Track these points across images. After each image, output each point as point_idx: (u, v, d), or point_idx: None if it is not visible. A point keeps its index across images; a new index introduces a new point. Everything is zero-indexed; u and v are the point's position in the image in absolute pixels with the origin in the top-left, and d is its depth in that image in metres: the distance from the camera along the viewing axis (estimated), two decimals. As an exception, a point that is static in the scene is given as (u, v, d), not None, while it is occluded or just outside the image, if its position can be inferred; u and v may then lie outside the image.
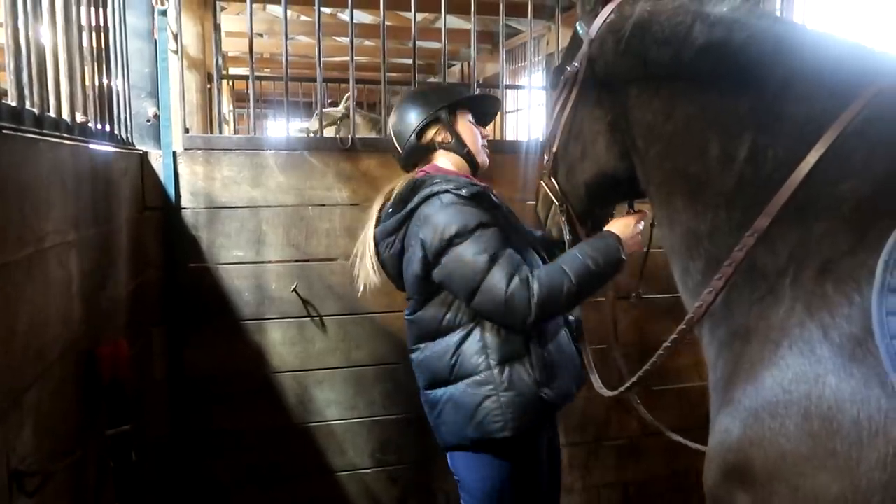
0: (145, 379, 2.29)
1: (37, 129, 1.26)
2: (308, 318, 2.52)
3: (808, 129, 1.23)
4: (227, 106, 6.59)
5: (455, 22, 7.08)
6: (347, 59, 2.69)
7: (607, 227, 1.84)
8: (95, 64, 1.82)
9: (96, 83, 1.83)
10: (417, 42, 2.79)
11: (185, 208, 2.37)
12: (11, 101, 1.17)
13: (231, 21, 6.78)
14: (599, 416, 2.84)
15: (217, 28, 3.83)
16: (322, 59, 2.61)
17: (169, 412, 2.39)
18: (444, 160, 2.00)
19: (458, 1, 3.00)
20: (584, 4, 1.61)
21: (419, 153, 2.01)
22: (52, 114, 1.41)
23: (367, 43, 8.68)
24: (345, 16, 8.05)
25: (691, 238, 1.39)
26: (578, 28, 1.63)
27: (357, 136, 2.59)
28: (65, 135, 1.43)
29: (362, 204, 2.53)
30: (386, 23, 2.74)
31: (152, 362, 2.37)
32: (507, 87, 5.96)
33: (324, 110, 4.73)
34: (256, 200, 2.44)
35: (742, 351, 1.22)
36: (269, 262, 2.47)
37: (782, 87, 1.28)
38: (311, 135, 4.25)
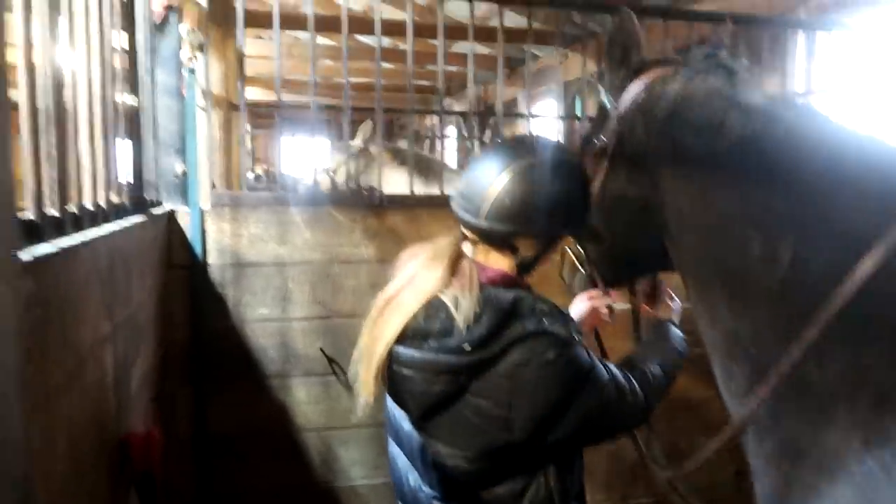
0: (169, 437, 2.26)
1: (76, 230, 1.24)
2: (333, 376, 2.48)
3: (856, 239, 1.18)
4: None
5: (469, 47, 7.11)
6: (364, 80, 2.67)
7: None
8: (128, 131, 1.81)
9: (130, 151, 1.82)
10: (430, 66, 2.77)
11: (211, 266, 2.35)
12: (52, 209, 1.15)
13: (249, 44, 6.82)
14: (626, 475, 2.79)
15: (241, 63, 3.83)
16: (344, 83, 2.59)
17: (193, 471, 2.37)
18: (507, 263, 1.49)
19: (480, 29, 2.97)
20: (611, 79, 1.58)
21: (495, 245, 1.48)
22: (89, 204, 1.40)
23: (384, 65, 8.72)
24: (363, 38, 8.09)
25: (732, 339, 1.34)
26: (605, 101, 1.60)
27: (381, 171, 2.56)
28: (102, 226, 1.41)
29: (389, 260, 2.50)
30: (403, 47, 2.72)
31: (176, 421, 2.34)
32: (508, 114, 5.93)
33: (339, 144, 4.70)
34: (283, 258, 2.41)
35: (793, 474, 1.17)
36: (295, 319, 2.44)
37: (826, 189, 1.24)
38: (332, 174, 4.22)
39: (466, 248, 1.48)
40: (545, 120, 7.34)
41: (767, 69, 2.74)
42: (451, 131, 10.45)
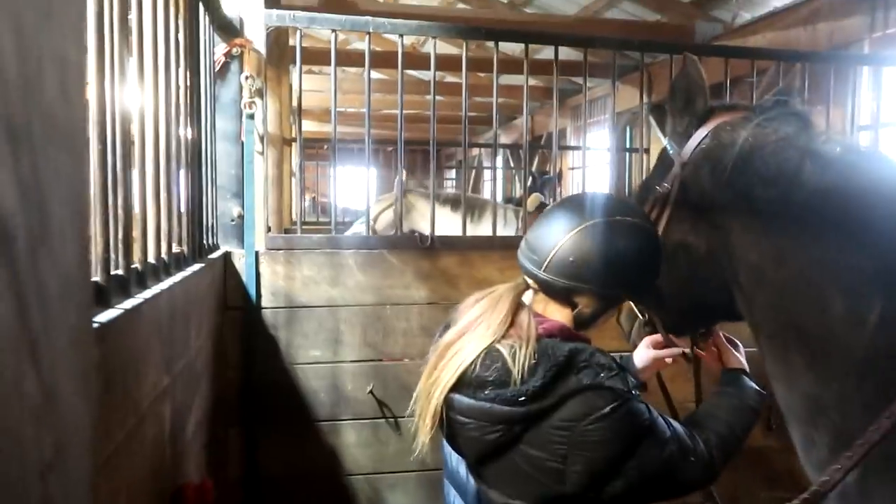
0: (219, 480, 2.27)
1: (140, 287, 1.26)
2: (383, 420, 2.47)
3: None
4: (295, 160, 6.77)
5: (516, 79, 7.15)
6: (412, 112, 2.68)
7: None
8: (189, 177, 1.85)
9: (189, 197, 1.85)
10: (476, 98, 2.77)
11: (265, 308, 2.38)
12: (119, 270, 1.17)
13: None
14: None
15: (298, 101, 3.91)
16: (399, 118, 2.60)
17: (242, 513, 2.37)
18: (566, 315, 1.49)
19: (534, 62, 2.98)
20: (675, 125, 1.54)
21: (556, 298, 1.49)
22: (152, 258, 1.42)
23: (412, 96, 8.81)
24: (411, 72, 8.21)
25: (813, 405, 1.27)
26: (668, 147, 1.56)
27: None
28: (163, 278, 1.43)
29: (440, 302, 2.49)
30: (451, 80, 2.73)
31: (227, 463, 2.35)
32: (563, 147, 5.91)
33: (380, 197, 4.72)
34: (335, 300, 2.42)
35: None
36: (346, 361, 2.44)
37: None
38: (373, 222, 4.25)
39: (527, 296, 1.51)
40: (596, 151, 7.30)
41: (833, 104, 2.64)
42: (497, 162, 10.47)
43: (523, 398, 1.32)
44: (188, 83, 1.86)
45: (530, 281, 1.50)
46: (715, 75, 3.12)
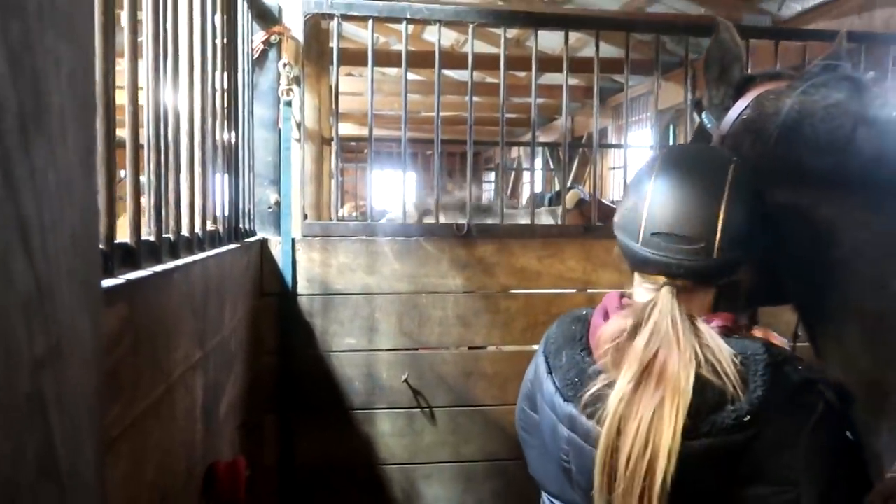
0: (255, 465, 2.27)
1: (172, 257, 1.25)
2: (418, 409, 2.44)
3: None
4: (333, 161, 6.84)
5: (555, 78, 7.09)
6: (450, 113, 2.65)
7: None
8: (226, 163, 1.86)
9: (226, 182, 1.86)
10: (515, 98, 2.71)
11: (300, 295, 2.37)
12: (150, 236, 1.17)
13: (341, 81, 7.08)
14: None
15: (336, 98, 3.94)
16: (436, 115, 2.58)
17: (278, 501, 2.36)
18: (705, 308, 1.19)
19: (574, 60, 2.91)
20: (711, 97, 1.46)
21: (708, 286, 1.18)
22: (186, 231, 1.42)
23: (451, 97, 8.79)
24: (448, 72, 8.21)
25: (874, 390, 1.18)
26: (705, 121, 1.48)
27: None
28: (196, 253, 1.43)
29: (476, 291, 2.45)
30: (489, 80, 2.69)
31: (263, 448, 2.35)
32: (603, 145, 5.82)
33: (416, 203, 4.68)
34: (371, 287, 2.40)
35: None
36: (381, 350, 2.42)
37: None
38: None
39: (665, 300, 1.12)
40: (639, 150, 7.15)
41: (892, 91, 2.52)
42: (537, 163, 10.39)
43: (748, 417, 1.01)
44: (226, 69, 1.88)
45: (680, 281, 1.13)
46: (764, 63, 3.02)
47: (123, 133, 1.09)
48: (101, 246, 0.93)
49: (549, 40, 6.81)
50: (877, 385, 1.18)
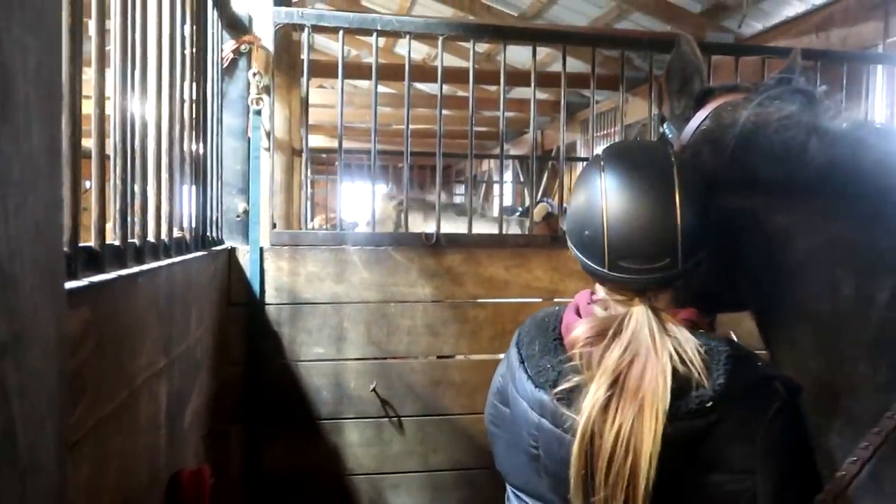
0: (220, 475, 2.24)
1: (137, 263, 1.25)
2: (386, 419, 2.43)
3: None
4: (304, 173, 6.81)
5: (526, 92, 7.20)
6: (420, 126, 2.67)
7: None
8: (193, 171, 1.85)
9: (193, 190, 1.85)
10: (486, 112, 2.75)
11: (268, 304, 2.36)
12: (115, 240, 1.16)
13: (312, 93, 7.07)
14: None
15: (305, 111, 3.94)
16: (406, 127, 2.60)
17: (243, 512, 2.33)
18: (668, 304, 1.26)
19: (543, 75, 2.95)
20: (672, 108, 1.51)
21: (677, 289, 1.23)
22: (152, 237, 1.41)
23: (423, 110, 8.83)
24: (419, 86, 8.26)
25: (824, 392, 1.22)
26: (667, 131, 1.53)
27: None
28: (162, 259, 1.42)
29: (445, 300, 2.47)
30: (461, 93, 2.72)
31: (229, 458, 2.33)
32: (571, 158, 5.90)
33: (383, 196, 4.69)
34: (339, 297, 2.40)
35: None
36: (350, 359, 2.41)
37: None
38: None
39: (639, 312, 1.15)
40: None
41: (846, 106, 2.62)
42: (507, 176, 10.49)
43: (710, 403, 1.04)
44: (195, 78, 1.87)
45: (651, 294, 1.17)
46: (726, 78, 3.10)
47: (90, 143, 1.09)
48: (64, 248, 0.92)
49: (519, 55, 6.91)
50: (828, 387, 1.22)
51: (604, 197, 1.17)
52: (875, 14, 3.72)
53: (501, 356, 1.40)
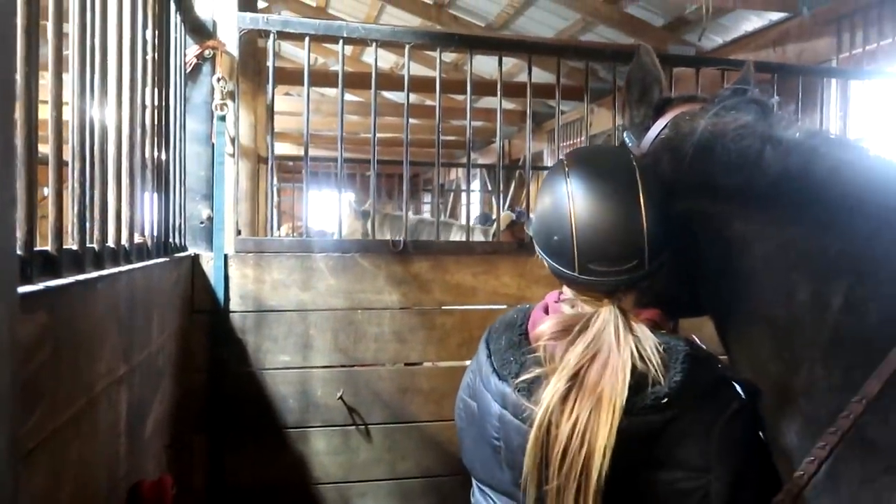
0: (183, 486, 2.20)
1: (96, 268, 1.22)
2: (353, 427, 2.42)
3: None
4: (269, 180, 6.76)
5: (494, 102, 7.26)
6: (388, 135, 2.67)
7: None
8: (155, 177, 1.83)
9: (154, 196, 1.83)
10: (454, 121, 2.77)
11: (233, 311, 2.33)
12: (73, 245, 1.14)
13: (278, 101, 7.03)
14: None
15: (270, 117, 3.92)
16: (373, 135, 2.60)
17: (206, 525, 2.29)
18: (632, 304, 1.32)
19: (509, 85, 2.98)
20: (632, 117, 1.54)
21: (643, 289, 1.30)
22: (112, 243, 1.39)
23: (390, 119, 8.83)
24: (387, 94, 8.26)
25: (782, 394, 1.25)
26: (627, 139, 1.56)
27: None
28: (122, 265, 1.40)
29: (412, 307, 2.47)
30: (429, 103, 2.74)
31: (192, 468, 2.28)
32: (537, 167, 5.96)
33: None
34: (306, 304, 2.38)
35: None
36: (316, 367, 2.39)
37: (877, 229, 1.17)
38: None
39: (607, 312, 1.19)
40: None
41: (801, 118, 2.70)
42: (475, 185, 10.54)
43: (665, 400, 1.07)
44: (157, 83, 1.85)
45: (622, 295, 1.22)
46: (687, 90, 3.17)
47: (47, 149, 1.07)
48: (19, 252, 0.90)
49: (486, 65, 6.96)
50: (786, 389, 1.25)
51: (571, 201, 1.20)
52: (829, 30, 3.85)
53: (469, 363, 1.42)
